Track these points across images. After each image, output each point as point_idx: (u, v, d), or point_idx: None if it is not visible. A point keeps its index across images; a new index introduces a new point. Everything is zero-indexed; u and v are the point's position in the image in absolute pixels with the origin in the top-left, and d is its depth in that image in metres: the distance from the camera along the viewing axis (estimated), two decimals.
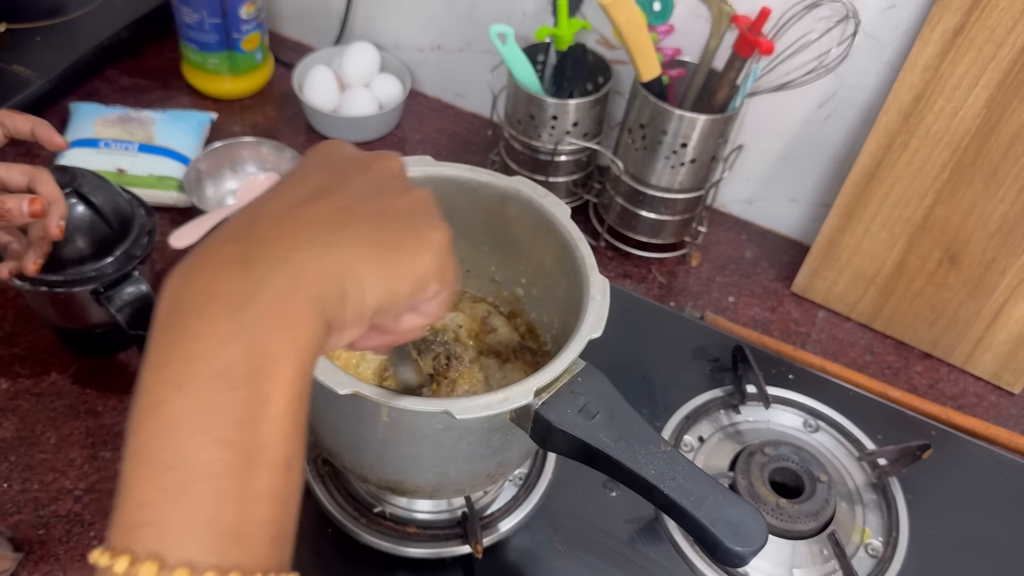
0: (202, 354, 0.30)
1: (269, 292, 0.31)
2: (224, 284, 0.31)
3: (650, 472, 0.47)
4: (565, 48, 0.84)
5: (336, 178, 0.36)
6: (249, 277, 0.31)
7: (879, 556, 0.68)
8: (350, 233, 0.34)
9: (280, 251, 0.32)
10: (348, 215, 0.34)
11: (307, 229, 0.33)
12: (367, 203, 0.35)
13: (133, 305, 0.68)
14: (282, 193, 0.35)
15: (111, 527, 0.30)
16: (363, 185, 0.36)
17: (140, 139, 0.91)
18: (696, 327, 0.83)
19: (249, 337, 0.30)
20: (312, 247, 0.32)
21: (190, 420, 0.29)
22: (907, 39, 0.77)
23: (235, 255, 0.31)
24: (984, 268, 0.79)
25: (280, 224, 0.33)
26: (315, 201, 0.34)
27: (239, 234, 0.33)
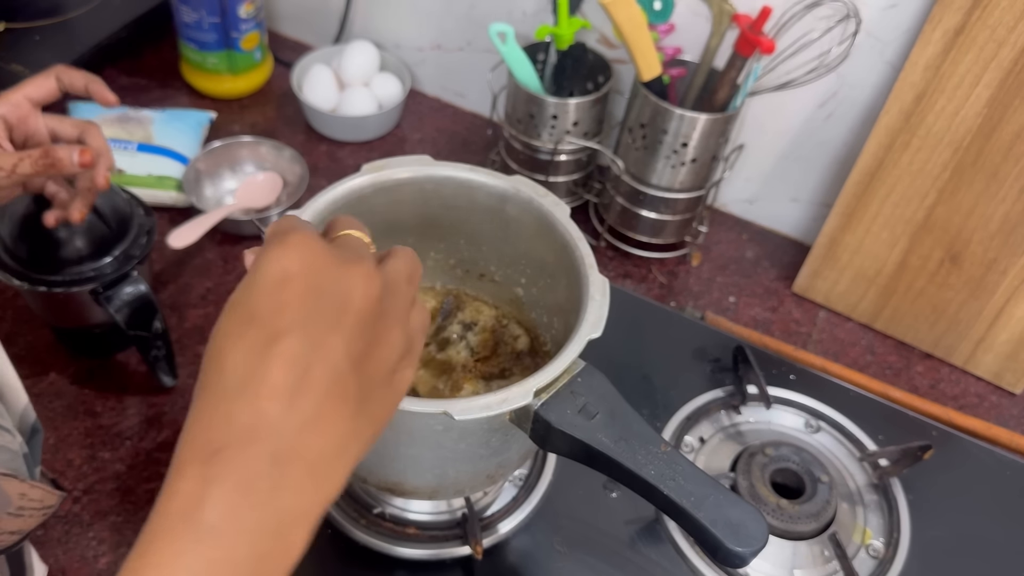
0: (210, 572, 0.30)
1: (288, 521, 0.32)
2: (249, 511, 0.31)
3: (650, 473, 0.47)
4: (565, 47, 0.84)
5: (339, 345, 0.34)
6: (274, 507, 0.31)
7: (880, 557, 0.68)
8: (356, 429, 0.34)
9: (303, 476, 0.32)
10: (352, 405, 0.34)
11: (326, 444, 0.33)
12: (363, 377, 0.35)
13: (132, 305, 0.68)
14: (292, 365, 0.33)
15: None
16: (359, 345, 0.34)
17: (139, 139, 0.91)
18: (697, 327, 0.82)
19: (258, 564, 0.31)
20: (327, 462, 0.33)
21: None
22: (908, 38, 0.77)
23: (261, 475, 0.31)
24: (985, 268, 0.79)
25: (301, 435, 0.32)
26: (329, 394, 0.33)
27: (261, 438, 0.32)
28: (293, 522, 0.32)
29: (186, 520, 0.31)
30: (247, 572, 0.31)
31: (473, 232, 0.64)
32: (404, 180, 0.60)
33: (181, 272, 0.84)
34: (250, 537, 0.31)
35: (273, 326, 0.32)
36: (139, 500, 0.67)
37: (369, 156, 0.98)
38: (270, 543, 0.31)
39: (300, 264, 0.33)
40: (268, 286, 0.33)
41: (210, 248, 0.87)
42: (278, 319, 0.33)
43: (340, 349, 0.33)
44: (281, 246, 0.34)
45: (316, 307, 0.33)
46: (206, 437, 0.32)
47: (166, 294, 0.82)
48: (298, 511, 0.32)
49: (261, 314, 0.33)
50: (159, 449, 0.71)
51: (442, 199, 0.61)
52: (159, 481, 0.69)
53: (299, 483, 0.32)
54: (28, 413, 0.52)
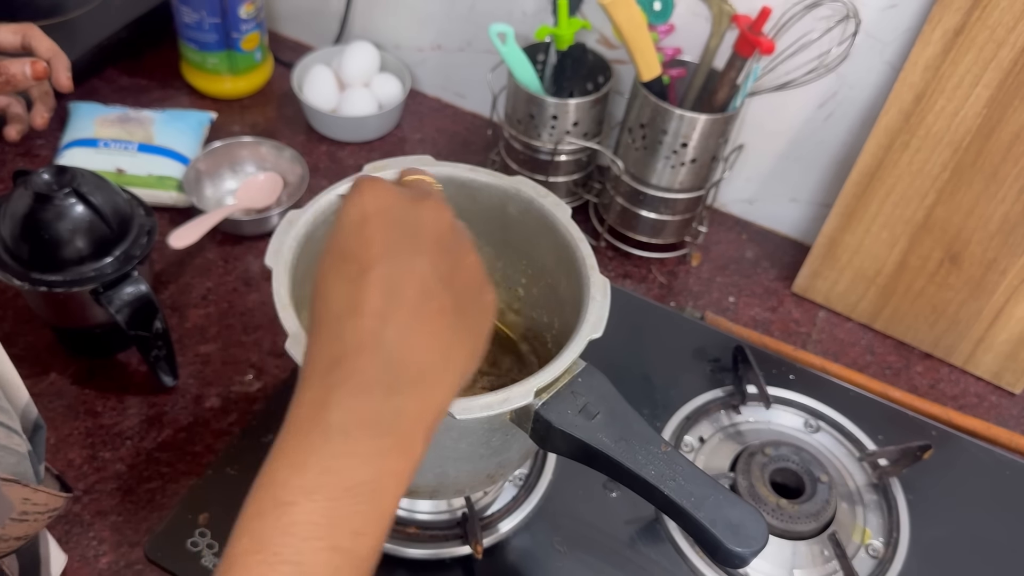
0: (338, 469, 0.34)
1: (406, 422, 0.35)
2: (368, 409, 0.35)
3: (650, 473, 0.47)
4: (565, 47, 0.84)
5: (425, 265, 0.38)
6: (390, 406, 0.35)
7: (880, 557, 0.68)
8: (457, 339, 0.38)
9: (413, 379, 0.36)
10: (449, 316, 0.38)
11: (430, 349, 0.37)
12: (454, 291, 0.39)
13: (132, 305, 0.68)
14: (385, 287, 0.37)
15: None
16: (444, 265, 0.39)
17: (139, 139, 0.91)
18: (696, 327, 0.82)
19: (381, 462, 0.34)
20: (435, 369, 0.37)
21: (314, 525, 0.33)
22: (908, 39, 0.77)
23: (375, 379, 0.35)
24: (985, 268, 0.79)
25: (405, 342, 0.36)
26: (423, 307, 0.37)
27: (370, 348, 0.35)
28: (410, 422, 0.35)
29: (313, 422, 0.34)
30: (371, 468, 0.34)
31: (474, 232, 0.63)
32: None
33: (182, 272, 0.84)
34: (372, 433, 0.34)
35: (363, 259, 0.37)
36: (140, 500, 0.68)
37: (369, 156, 0.99)
38: (390, 441, 0.34)
39: (375, 204, 0.39)
40: (352, 227, 0.38)
41: (211, 248, 0.87)
42: (366, 252, 0.37)
43: (426, 268, 0.38)
44: (357, 193, 0.39)
45: (396, 237, 0.38)
46: (322, 354, 0.36)
47: (167, 294, 0.82)
48: (413, 411, 0.35)
49: (351, 251, 0.38)
50: (160, 449, 0.71)
51: None
52: (160, 481, 0.69)
53: (411, 385, 0.36)
54: (30, 410, 0.53)
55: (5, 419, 0.48)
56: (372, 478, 0.34)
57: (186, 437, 0.72)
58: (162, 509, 0.67)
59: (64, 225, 0.66)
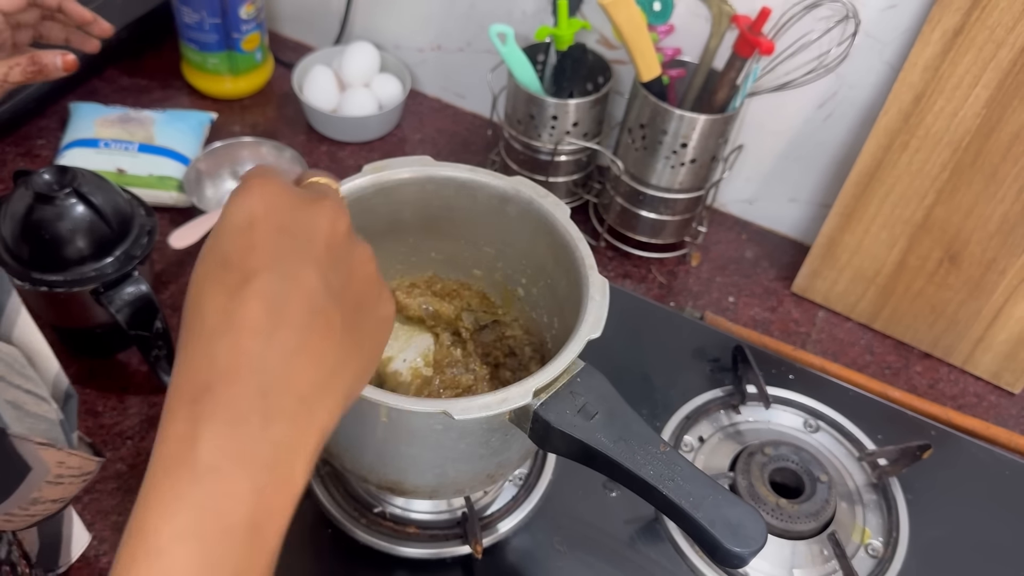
0: (211, 510, 0.30)
1: (284, 453, 0.32)
2: (241, 443, 0.31)
3: (649, 473, 0.47)
4: (565, 48, 0.84)
5: (314, 277, 0.34)
6: (267, 437, 0.32)
7: (879, 556, 0.68)
8: (344, 359, 0.35)
9: (293, 406, 0.32)
10: (336, 335, 0.34)
11: (312, 372, 0.33)
12: (344, 306, 0.35)
13: (133, 305, 0.68)
14: (267, 301, 0.33)
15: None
16: (336, 277, 0.35)
17: (140, 139, 0.91)
18: (696, 327, 0.83)
19: (258, 499, 0.31)
20: (318, 394, 0.33)
21: (189, 573, 0.30)
22: (907, 39, 0.77)
23: (250, 409, 0.32)
24: (984, 268, 0.79)
25: (285, 365, 0.33)
26: (309, 325, 0.33)
27: (245, 373, 0.32)
28: (289, 453, 0.32)
29: (181, 462, 0.31)
30: (248, 506, 0.31)
31: (473, 233, 0.64)
32: (405, 181, 0.60)
33: (182, 272, 0.84)
34: (247, 471, 0.31)
35: (245, 267, 0.33)
36: None
37: (370, 157, 0.99)
38: (268, 475, 0.31)
39: (264, 206, 0.34)
40: (236, 230, 0.34)
41: None
42: (249, 260, 0.33)
43: (315, 280, 0.34)
44: (246, 192, 0.35)
45: (285, 244, 0.34)
46: (192, 379, 0.32)
47: (167, 294, 0.82)
48: (293, 442, 0.32)
49: (232, 257, 0.34)
50: None
51: (443, 200, 0.61)
52: None
53: (291, 414, 0.32)
54: (60, 379, 0.53)
55: (35, 388, 0.48)
56: (249, 517, 0.31)
57: None
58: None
59: (65, 225, 0.66)
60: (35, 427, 0.47)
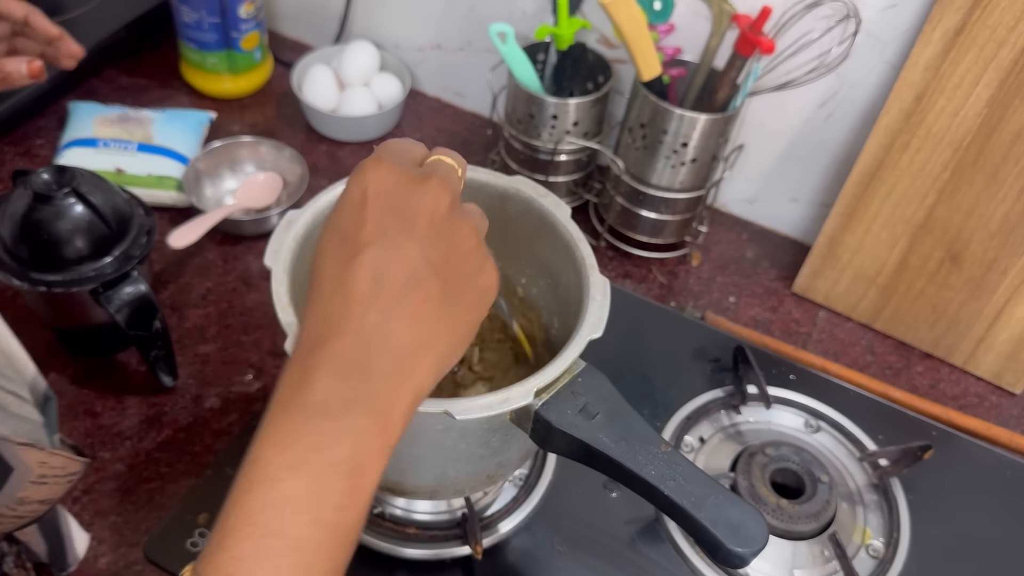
0: (321, 447, 0.35)
1: (383, 402, 0.37)
2: (346, 390, 0.36)
3: (650, 473, 0.47)
4: (565, 47, 0.84)
5: (415, 250, 0.39)
6: (368, 387, 0.37)
7: (880, 557, 0.68)
8: (440, 326, 0.39)
9: (391, 362, 0.37)
10: (433, 303, 0.39)
11: (409, 335, 0.38)
12: (443, 277, 0.39)
13: (132, 305, 0.68)
14: (373, 270, 0.38)
15: (204, 563, 0.34)
16: (436, 250, 0.39)
17: (139, 139, 0.91)
18: (697, 327, 0.82)
19: (360, 440, 0.36)
20: (413, 355, 0.38)
21: (298, 500, 0.35)
22: (908, 38, 0.77)
23: (354, 361, 0.37)
24: (985, 268, 0.79)
25: (386, 327, 0.38)
26: (408, 294, 0.38)
27: (351, 332, 0.37)
28: (386, 403, 0.37)
29: (296, 402, 0.36)
30: (349, 445, 0.36)
31: None
32: None
33: (181, 272, 0.84)
34: (350, 413, 0.36)
35: (357, 240, 0.39)
36: (139, 500, 0.67)
37: None
38: (368, 420, 0.36)
39: (376, 185, 0.40)
40: (351, 206, 0.40)
41: (210, 248, 0.87)
42: (360, 233, 0.39)
43: (416, 253, 0.39)
44: (362, 171, 0.40)
45: (391, 220, 0.39)
46: (309, 334, 0.38)
47: (166, 294, 0.82)
48: (389, 394, 0.37)
49: (346, 230, 0.39)
50: (159, 449, 0.71)
51: None
52: (159, 481, 0.69)
53: (387, 369, 0.37)
54: (38, 382, 0.54)
55: (16, 388, 0.49)
56: (352, 455, 0.36)
57: (186, 437, 0.72)
58: (161, 509, 0.67)
59: (64, 225, 0.66)
60: (19, 428, 0.48)
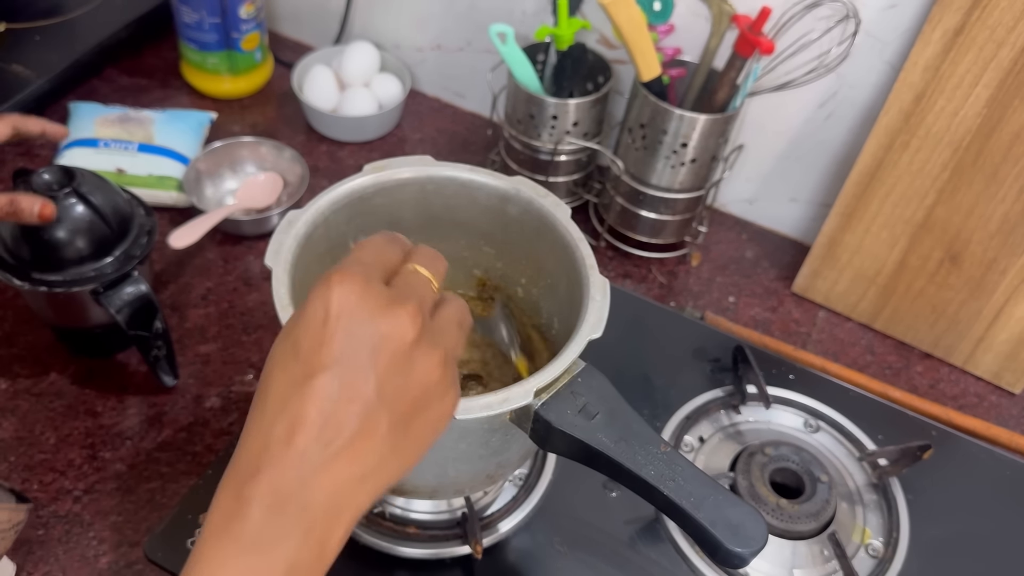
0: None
1: (317, 533, 0.36)
2: (280, 525, 0.36)
3: (650, 473, 0.47)
4: (565, 48, 0.84)
5: (370, 384, 0.37)
6: (305, 522, 0.36)
7: (880, 556, 0.68)
8: (385, 460, 0.38)
9: (328, 497, 0.37)
10: (380, 439, 0.38)
11: (350, 470, 0.37)
12: (396, 410, 0.38)
13: (132, 305, 0.68)
14: (323, 401, 0.37)
15: None
16: (392, 384, 0.38)
17: (139, 139, 0.91)
18: (696, 327, 0.82)
19: (294, 572, 0.36)
20: (352, 491, 0.37)
21: None
22: (908, 39, 0.77)
23: (289, 497, 0.36)
24: (985, 268, 0.79)
25: (327, 462, 0.37)
26: (357, 430, 0.37)
27: (289, 467, 0.36)
28: (321, 535, 0.37)
29: (228, 534, 0.36)
30: (283, 573, 0.36)
31: (474, 233, 0.64)
32: (405, 180, 0.60)
33: (182, 272, 0.84)
34: (283, 550, 0.36)
35: (311, 362, 0.37)
36: (140, 500, 0.68)
37: (369, 156, 0.99)
38: (301, 553, 0.36)
39: (342, 305, 0.37)
40: (311, 322, 0.37)
41: (211, 248, 0.87)
42: (316, 356, 0.37)
43: (370, 388, 0.37)
44: (327, 286, 0.38)
45: (350, 349, 0.37)
46: (246, 457, 0.37)
47: (167, 294, 0.82)
48: (326, 527, 0.37)
49: (302, 347, 0.37)
50: (160, 449, 0.71)
51: (443, 199, 0.61)
52: (160, 481, 0.69)
53: (325, 503, 0.37)
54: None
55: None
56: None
57: (186, 437, 0.72)
58: (162, 509, 0.67)
59: (64, 225, 0.66)
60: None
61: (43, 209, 0.63)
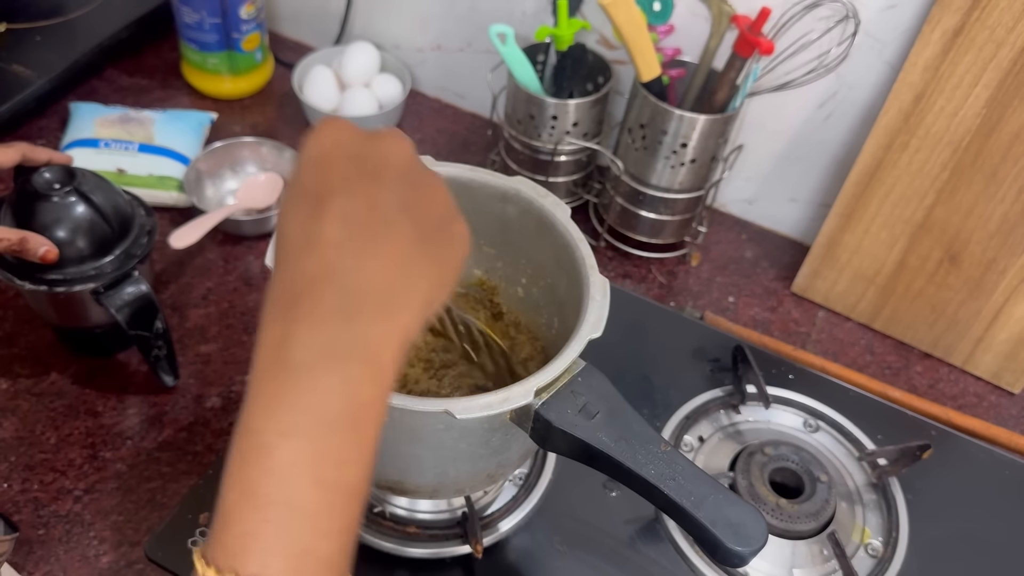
0: (311, 406, 0.34)
1: (370, 346, 0.35)
2: (330, 339, 0.34)
3: (650, 472, 0.47)
4: (565, 48, 0.84)
5: (384, 194, 0.37)
6: (352, 333, 0.34)
7: (879, 556, 0.68)
8: (419, 265, 0.37)
9: (373, 302, 0.35)
10: (409, 243, 0.37)
11: (389, 272, 0.36)
12: (416, 221, 0.38)
13: (133, 305, 0.68)
14: (342, 217, 0.36)
15: (213, 545, 0.33)
16: (406, 196, 0.38)
17: (140, 139, 0.91)
18: (696, 327, 0.83)
19: (352, 391, 0.34)
20: (396, 292, 0.36)
21: (296, 464, 0.33)
22: (907, 39, 0.77)
23: (335, 308, 0.35)
24: (984, 268, 0.79)
25: (364, 267, 0.35)
26: (381, 234, 0.36)
27: (328, 279, 0.35)
28: (376, 347, 0.35)
29: (278, 362, 0.34)
30: (342, 398, 0.34)
31: (474, 233, 0.63)
32: None
33: (182, 272, 0.84)
34: (336, 366, 0.34)
35: (320, 193, 0.36)
36: (140, 500, 0.68)
37: None
38: (357, 368, 0.34)
39: (334, 140, 0.38)
40: (311, 163, 0.38)
41: (211, 248, 0.87)
42: (323, 187, 0.36)
43: (385, 196, 0.37)
44: (317, 132, 0.39)
45: (355, 169, 0.37)
46: (283, 291, 0.36)
47: (167, 294, 0.82)
48: (376, 336, 0.35)
49: (308, 187, 0.37)
50: (160, 449, 0.71)
51: None
52: (160, 480, 0.69)
53: (371, 310, 0.35)
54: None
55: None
56: (345, 409, 0.34)
57: (187, 437, 0.72)
58: (163, 509, 0.67)
59: (65, 225, 0.66)
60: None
61: (47, 253, 0.65)
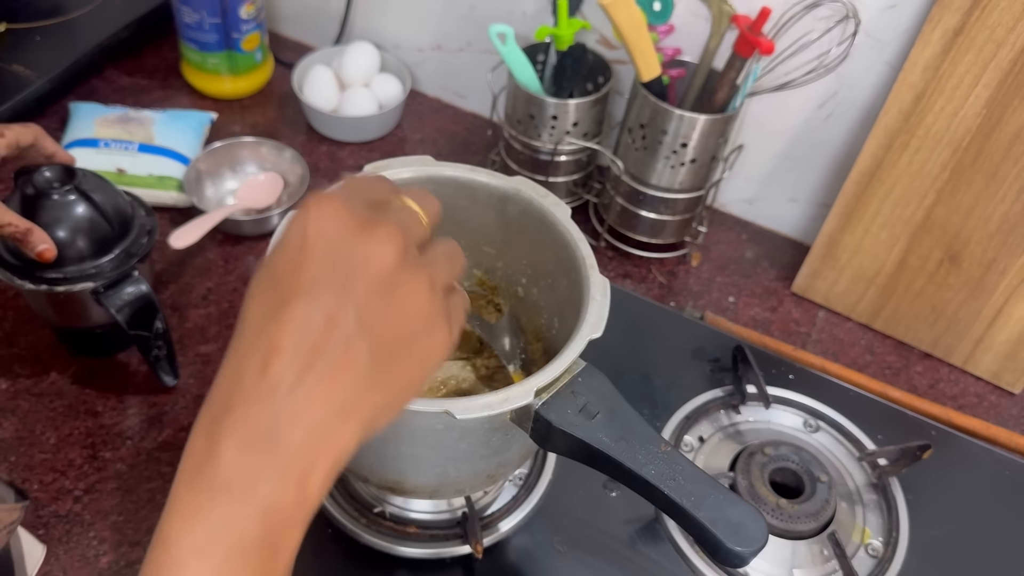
0: (227, 527, 0.32)
1: (295, 475, 0.33)
2: (254, 467, 0.33)
3: (650, 472, 0.47)
4: (565, 48, 0.84)
5: (348, 307, 0.34)
6: (279, 463, 0.33)
7: (879, 556, 0.68)
8: (365, 392, 0.35)
9: (306, 432, 0.34)
10: (359, 368, 0.35)
11: (330, 402, 0.34)
12: (377, 339, 0.35)
13: (132, 305, 0.68)
14: (300, 327, 0.34)
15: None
16: (372, 308, 0.35)
17: (140, 139, 0.91)
18: (696, 327, 0.83)
19: (270, 518, 0.33)
20: (332, 427, 0.34)
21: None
22: (907, 39, 0.77)
23: (264, 433, 0.33)
24: (984, 268, 0.79)
25: (303, 392, 0.34)
26: (333, 357, 0.34)
27: (264, 397, 0.33)
28: (299, 476, 0.34)
29: (200, 477, 0.33)
30: (259, 525, 0.33)
31: (474, 233, 0.64)
32: (406, 180, 0.60)
33: (182, 272, 0.84)
34: (258, 491, 0.33)
35: (287, 288, 0.34)
36: (140, 500, 0.68)
37: (370, 156, 0.99)
38: (277, 497, 0.33)
39: (317, 228, 0.35)
40: (287, 249, 0.35)
41: (211, 248, 0.87)
42: (293, 282, 0.34)
43: (347, 311, 0.34)
44: (304, 212, 0.35)
45: (327, 271, 0.34)
46: (219, 395, 0.35)
47: (167, 294, 0.82)
48: (302, 466, 0.34)
49: (278, 275, 0.35)
50: (160, 449, 0.71)
51: (443, 199, 0.60)
52: (160, 480, 0.69)
53: (299, 441, 0.33)
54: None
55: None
56: (262, 535, 0.33)
57: (187, 437, 0.71)
58: (162, 509, 0.67)
59: (65, 224, 0.66)
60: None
61: (45, 251, 0.64)
